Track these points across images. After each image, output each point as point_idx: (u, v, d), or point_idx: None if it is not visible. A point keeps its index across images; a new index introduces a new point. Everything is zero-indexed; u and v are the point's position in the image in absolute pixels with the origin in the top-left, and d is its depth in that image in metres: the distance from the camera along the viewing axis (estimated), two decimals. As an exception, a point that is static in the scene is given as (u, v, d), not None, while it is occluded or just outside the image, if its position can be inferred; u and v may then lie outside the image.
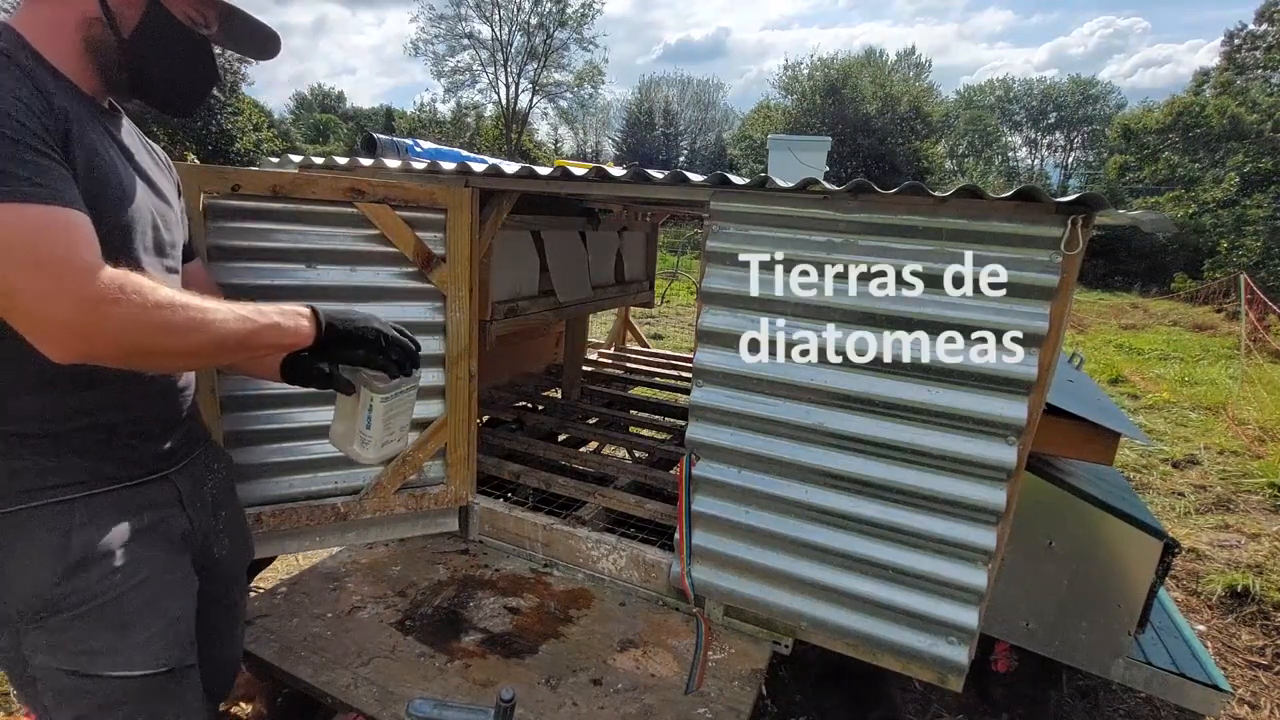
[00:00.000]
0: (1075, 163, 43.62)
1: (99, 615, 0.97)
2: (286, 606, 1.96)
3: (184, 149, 21.22)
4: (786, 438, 1.81)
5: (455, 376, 2.17)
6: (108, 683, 0.96)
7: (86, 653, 0.95)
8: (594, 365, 4.29)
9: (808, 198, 1.70)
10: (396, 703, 1.60)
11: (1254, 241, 18.69)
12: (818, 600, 1.84)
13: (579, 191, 2.02)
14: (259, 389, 1.87)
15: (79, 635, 0.95)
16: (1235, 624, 3.01)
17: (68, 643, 0.94)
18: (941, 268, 1.59)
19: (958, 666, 1.72)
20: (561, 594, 2.13)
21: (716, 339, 1.85)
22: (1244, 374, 7.92)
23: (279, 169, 2.16)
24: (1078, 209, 1.45)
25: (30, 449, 0.94)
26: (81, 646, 0.95)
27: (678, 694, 1.72)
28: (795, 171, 6.17)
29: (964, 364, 1.60)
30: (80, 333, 0.83)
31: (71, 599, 0.94)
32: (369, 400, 1.25)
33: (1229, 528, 3.93)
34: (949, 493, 1.66)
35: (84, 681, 0.95)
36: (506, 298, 2.69)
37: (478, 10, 33.17)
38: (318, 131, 43.98)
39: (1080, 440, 1.93)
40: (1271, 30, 25.39)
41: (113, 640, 0.98)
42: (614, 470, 2.62)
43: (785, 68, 36.20)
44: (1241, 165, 21.22)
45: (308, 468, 2.01)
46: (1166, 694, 1.94)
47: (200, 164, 1.94)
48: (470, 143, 32.55)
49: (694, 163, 38.67)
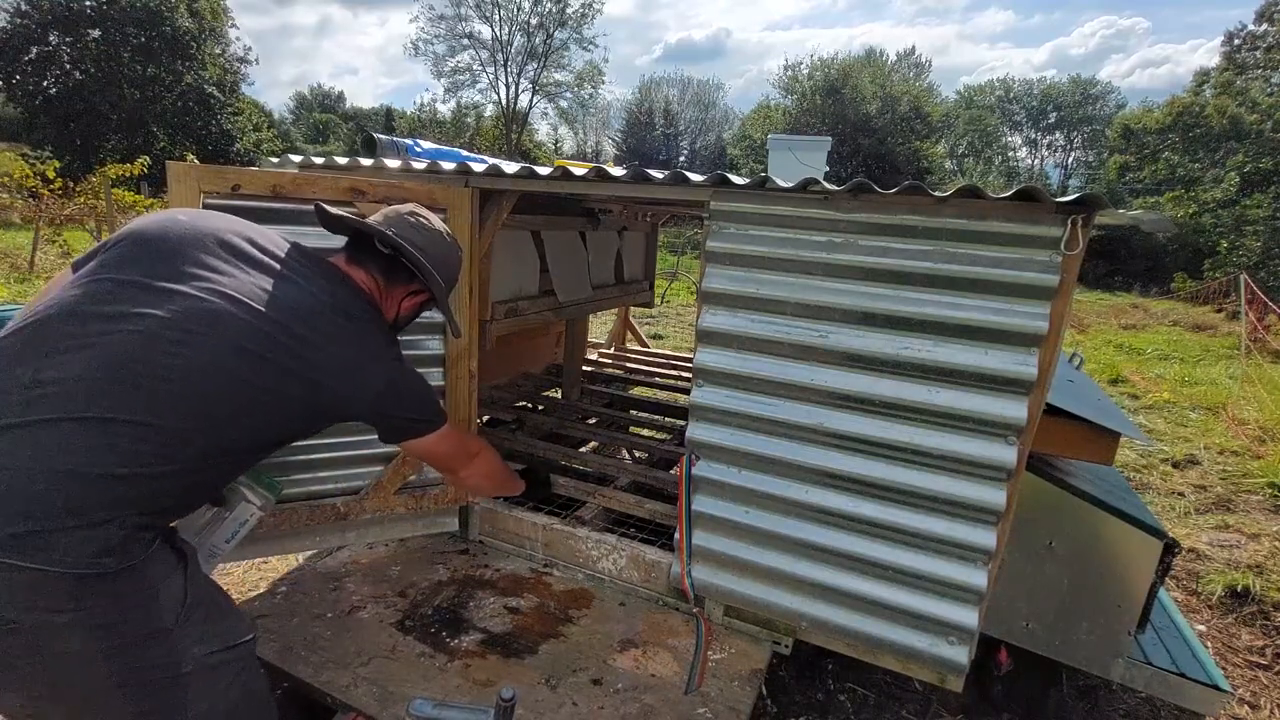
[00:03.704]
0: (1075, 163, 43.66)
1: (214, 605, 1.24)
2: (286, 606, 1.96)
3: (184, 149, 21.22)
4: (786, 438, 1.81)
5: (455, 376, 2.17)
6: (239, 650, 1.23)
7: (223, 633, 1.21)
8: (594, 365, 4.29)
9: (808, 198, 1.70)
10: (396, 703, 1.60)
11: (1254, 241, 18.68)
12: (818, 600, 1.84)
13: (579, 191, 2.01)
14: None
15: (213, 621, 1.20)
16: (1235, 624, 3.00)
17: (210, 631, 1.18)
18: (941, 268, 1.60)
19: (958, 666, 1.72)
20: (561, 594, 2.13)
21: (716, 339, 1.85)
22: (1244, 374, 7.91)
23: (279, 169, 2.16)
24: (1078, 209, 1.45)
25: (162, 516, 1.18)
26: (218, 629, 1.20)
27: (678, 694, 1.72)
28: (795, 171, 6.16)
29: (964, 364, 1.60)
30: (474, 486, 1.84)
31: (200, 596, 1.20)
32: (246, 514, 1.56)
33: (1229, 528, 3.92)
34: (949, 493, 1.66)
35: (230, 653, 1.21)
36: (506, 298, 2.69)
37: (478, 10, 33.23)
38: (318, 131, 44.00)
39: (1080, 440, 1.92)
40: (1271, 30, 25.39)
41: (227, 619, 1.25)
42: (614, 470, 2.62)
43: (785, 68, 36.27)
44: (1241, 165, 21.21)
45: (307, 467, 2.01)
46: (1166, 694, 1.94)
47: (200, 164, 1.94)
48: (470, 143, 32.55)
49: (694, 163, 38.66)
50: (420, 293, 1.52)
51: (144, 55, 22.07)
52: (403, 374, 1.42)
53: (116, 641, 1.04)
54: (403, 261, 1.45)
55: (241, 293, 1.18)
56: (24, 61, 21.22)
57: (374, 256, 1.45)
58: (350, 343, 1.30)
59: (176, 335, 1.10)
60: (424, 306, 1.57)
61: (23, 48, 21.02)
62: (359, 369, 1.31)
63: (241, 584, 2.79)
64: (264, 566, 2.91)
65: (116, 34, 21.62)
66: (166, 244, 1.19)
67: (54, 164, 9.70)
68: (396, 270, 1.46)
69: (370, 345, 1.34)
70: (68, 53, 21.57)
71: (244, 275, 1.22)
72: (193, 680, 1.14)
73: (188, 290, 1.14)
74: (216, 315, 1.14)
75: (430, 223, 1.53)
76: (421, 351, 2.12)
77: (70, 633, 1.00)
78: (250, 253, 1.26)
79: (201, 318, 1.13)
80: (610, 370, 4.25)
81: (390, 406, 1.39)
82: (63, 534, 0.99)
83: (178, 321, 1.11)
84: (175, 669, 1.11)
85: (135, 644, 1.07)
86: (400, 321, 1.54)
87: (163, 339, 1.08)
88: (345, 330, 1.30)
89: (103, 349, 1.06)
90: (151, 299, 1.12)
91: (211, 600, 1.25)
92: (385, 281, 1.46)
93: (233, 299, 1.17)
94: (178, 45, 22.45)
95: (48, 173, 9.37)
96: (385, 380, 1.35)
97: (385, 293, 1.47)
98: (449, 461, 1.61)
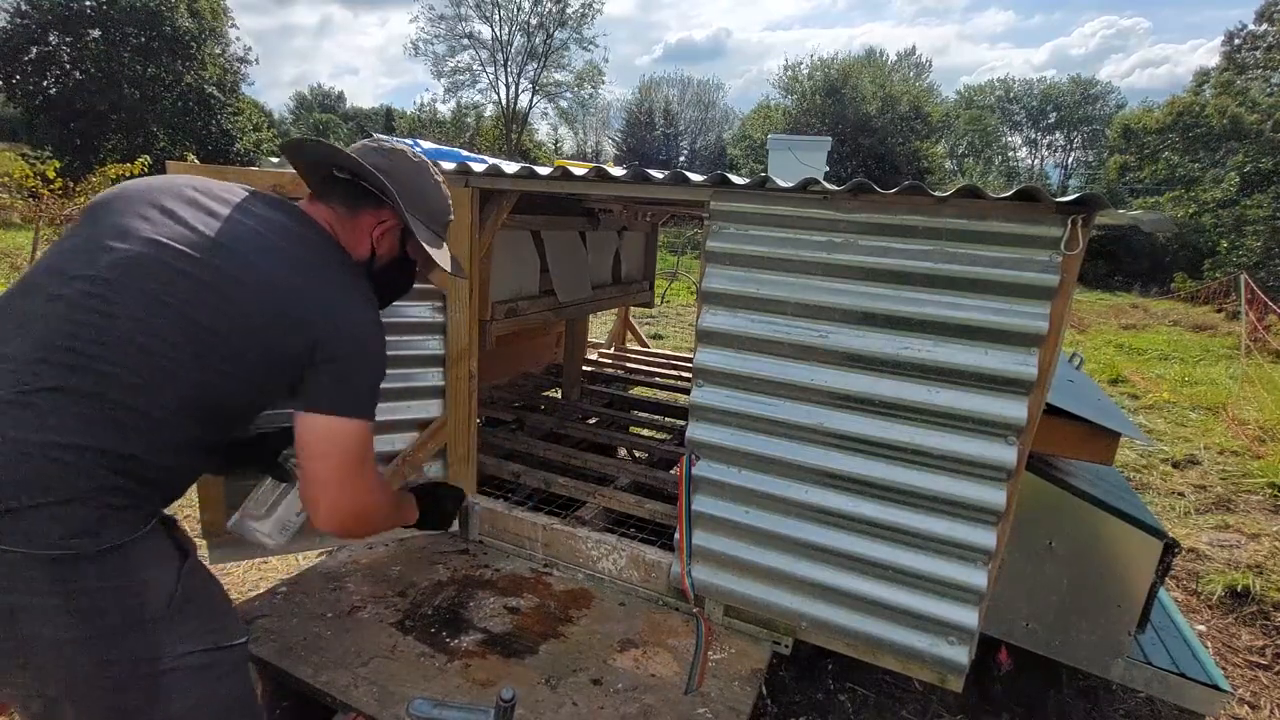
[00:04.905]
0: (1075, 163, 43.68)
1: (208, 600, 1.19)
2: (286, 606, 1.96)
3: (184, 149, 21.21)
4: (786, 438, 1.81)
5: (455, 376, 2.17)
6: (229, 652, 1.17)
7: (213, 633, 1.15)
8: (594, 365, 4.29)
9: (808, 198, 1.70)
10: (396, 703, 1.60)
11: (1254, 241, 18.67)
12: (818, 600, 1.84)
13: (579, 191, 2.02)
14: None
15: (203, 618, 1.15)
16: (1235, 624, 3.00)
17: (198, 629, 1.13)
18: (942, 268, 1.60)
19: (958, 666, 1.72)
20: (561, 594, 2.13)
21: (716, 339, 1.85)
22: (1244, 374, 7.91)
23: (279, 169, 2.16)
24: (1078, 209, 1.45)
25: (149, 489, 1.12)
26: (208, 628, 1.15)
27: (678, 694, 1.72)
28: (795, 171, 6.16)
29: (964, 364, 1.60)
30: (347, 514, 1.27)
31: (193, 591, 1.14)
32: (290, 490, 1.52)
33: (1229, 528, 3.92)
34: (949, 493, 1.66)
35: (217, 654, 1.14)
36: (506, 298, 2.69)
37: (478, 10, 33.22)
38: (318, 132, 43.98)
39: (1080, 440, 1.93)
40: (1271, 30, 25.38)
41: (222, 618, 1.20)
42: (614, 470, 2.62)
43: (785, 68, 36.23)
44: (1241, 165, 21.20)
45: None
46: (1166, 694, 1.94)
47: (200, 164, 1.94)
48: (470, 143, 32.56)
49: (694, 163, 38.65)
50: (389, 219, 1.36)
51: (144, 55, 22.06)
52: (371, 320, 1.26)
53: (92, 630, 1.01)
54: (365, 186, 1.32)
55: (172, 237, 1.10)
56: (24, 61, 21.20)
57: (335, 188, 1.33)
58: (304, 270, 1.18)
59: (100, 292, 1.05)
60: (403, 240, 1.41)
61: (23, 48, 21.00)
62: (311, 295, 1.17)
63: (241, 584, 2.79)
64: (264, 566, 2.92)
65: (116, 34, 21.61)
66: (116, 204, 1.15)
67: (54, 164, 9.68)
68: (360, 197, 1.33)
69: (329, 274, 1.22)
70: (68, 53, 21.56)
71: (179, 221, 1.13)
72: (172, 678, 1.09)
73: (118, 245, 1.09)
74: (138, 263, 1.07)
75: (399, 148, 1.39)
76: (422, 351, 2.12)
77: (45, 617, 0.98)
78: (198, 199, 1.17)
79: (125, 269, 1.07)
80: (610, 370, 4.25)
81: (337, 348, 1.19)
82: (34, 512, 0.97)
83: (102, 278, 1.06)
84: (154, 664, 1.07)
85: (112, 634, 1.03)
86: (378, 260, 1.39)
87: (89, 300, 1.04)
88: (301, 259, 1.19)
89: (44, 321, 1.03)
90: (83, 262, 1.07)
91: (206, 597, 1.19)
92: (349, 211, 1.32)
93: (160, 244, 1.09)
94: (178, 45, 22.43)
95: (48, 173, 9.36)
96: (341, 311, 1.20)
97: (351, 225, 1.33)
98: (341, 467, 1.23)
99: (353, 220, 1.33)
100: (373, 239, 1.36)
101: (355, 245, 1.34)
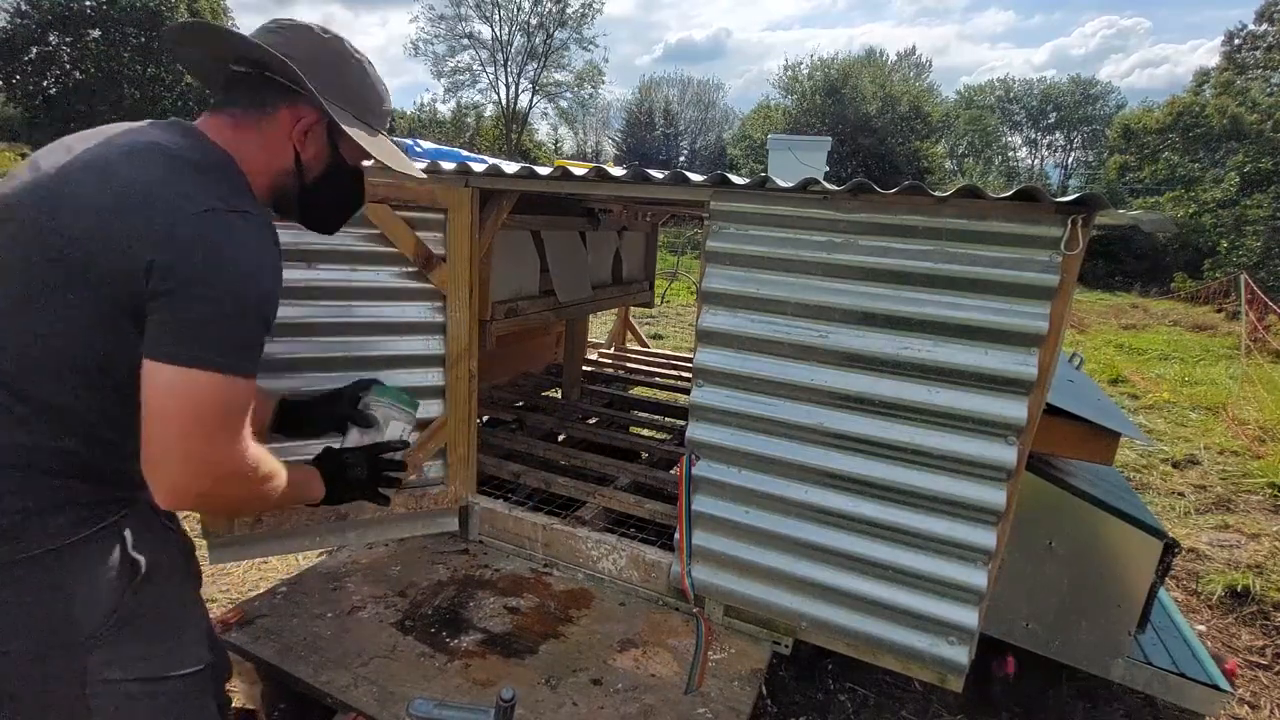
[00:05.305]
0: (1075, 163, 43.67)
1: (160, 621, 1.05)
2: (286, 606, 1.96)
3: (184, 149, 21.21)
4: (786, 438, 1.81)
5: (455, 376, 2.17)
6: (171, 683, 1.04)
7: (152, 658, 1.02)
8: (594, 365, 4.29)
9: (808, 198, 1.70)
10: (396, 703, 1.60)
11: (1254, 241, 18.68)
12: (818, 600, 1.84)
13: (579, 191, 2.01)
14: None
15: (146, 642, 1.02)
16: (1235, 624, 3.00)
17: (135, 654, 1.00)
18: (942, 268, 1.60)
19: (958, 666, 1.72)
20: (561, 594, 2.13)
21: (716, 339, 1.85)
22: (1244, 374, 7.92)
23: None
24: (1078, 209, 1.45)
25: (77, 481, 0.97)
26: (147, 652, 1.01)
27: (678, 694, 1.72)
28: (795, 171, 6.16)
29: (964, 364, 1.60)
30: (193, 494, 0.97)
31: (137, 611, 1.01)
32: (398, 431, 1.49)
33: (1229, 528, 3.92)
34: (949, 493, 1.66)
35: (151, 685, 1.01)
36: (506, 298, 2.69)
37: (478, 10, 33.22)
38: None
39: (1080, 440, 1.93)
40: (1271, 30, 25.41)
41: (172, 643, 1.06)
42: (614, 470, 2.62)
43: (785, 68, 36.23)
44: (1241, 165, 21.21)
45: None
46: (1166, 694, 1.94)
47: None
48: (470, 143, 32.56)
49: (694, 163, 38.65)
50: (307, 114, 1.10)
51: (144, 55, 22.08)
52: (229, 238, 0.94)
53: (11, 646, 0.92)
54: (269, 76, 1.07)
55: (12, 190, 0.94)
56: (24, 61, 21.23)
57: (237, 89, 1.09)
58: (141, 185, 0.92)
59: None
60: (332, 137, 1.16)
61: (23, 48, 21.03)
62: (140, 206, 0.90)
63: (241, 584, 2.79)
64: (264, 566, 2.91)
65: (116, 34, 21.63)
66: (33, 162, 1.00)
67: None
68: (269, 92, 1.08)
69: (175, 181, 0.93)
70: (68, 53, 21.58)
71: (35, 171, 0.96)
72: (98, 707, 0.97)
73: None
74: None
75: (302, 23, 1.12)
76: (421, 351, 2.12)
77: None
78: (74, 144, 0.98)
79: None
80: (610, 370, 4.25)
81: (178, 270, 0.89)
82: None
83: None
84: (79, 689, 0.96)
85: (35, 653, 0.93)
86: (309, 170, 1.15)
87: None
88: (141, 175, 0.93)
89: None
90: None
91: (156, 619, 1.04)
92: (258, 112, 1.08)
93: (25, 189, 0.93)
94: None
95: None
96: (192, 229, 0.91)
97: (263, 130, 1.08)
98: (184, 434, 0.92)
99: (265, 122, 1.08)
100: (295, 143, 1.11)
101: (273, 155, 1.10)
